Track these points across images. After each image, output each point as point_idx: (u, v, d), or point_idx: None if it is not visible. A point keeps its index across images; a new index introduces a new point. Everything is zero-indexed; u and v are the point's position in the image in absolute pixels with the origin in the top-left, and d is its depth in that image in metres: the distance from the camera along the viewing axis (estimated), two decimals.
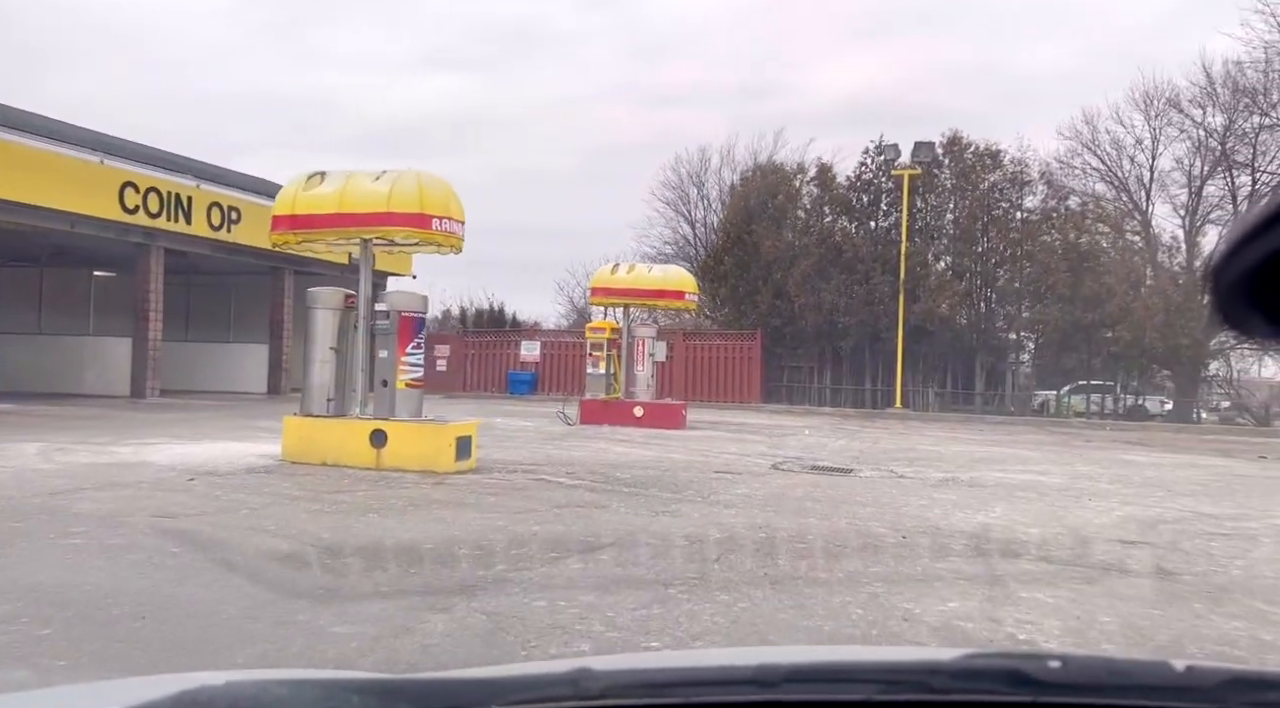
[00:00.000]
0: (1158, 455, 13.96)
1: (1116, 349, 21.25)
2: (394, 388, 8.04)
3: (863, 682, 0.91)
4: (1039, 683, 0.88)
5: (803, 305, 23.72)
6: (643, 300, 15.17)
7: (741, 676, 0.92)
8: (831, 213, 24.77)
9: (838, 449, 12.85)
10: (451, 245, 8.11)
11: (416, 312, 8.25)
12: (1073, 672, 0.90)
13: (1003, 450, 13.75)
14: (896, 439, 15.24)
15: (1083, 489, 8.99)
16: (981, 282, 23.12)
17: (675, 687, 0.91)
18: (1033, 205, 23.12)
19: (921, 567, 4.82)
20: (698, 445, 12.34)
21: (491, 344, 26.32)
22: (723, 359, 24.23)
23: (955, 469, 10.72)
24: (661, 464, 9.68)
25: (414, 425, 8.01)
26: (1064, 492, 8.71)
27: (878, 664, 1.01)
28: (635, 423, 14.84)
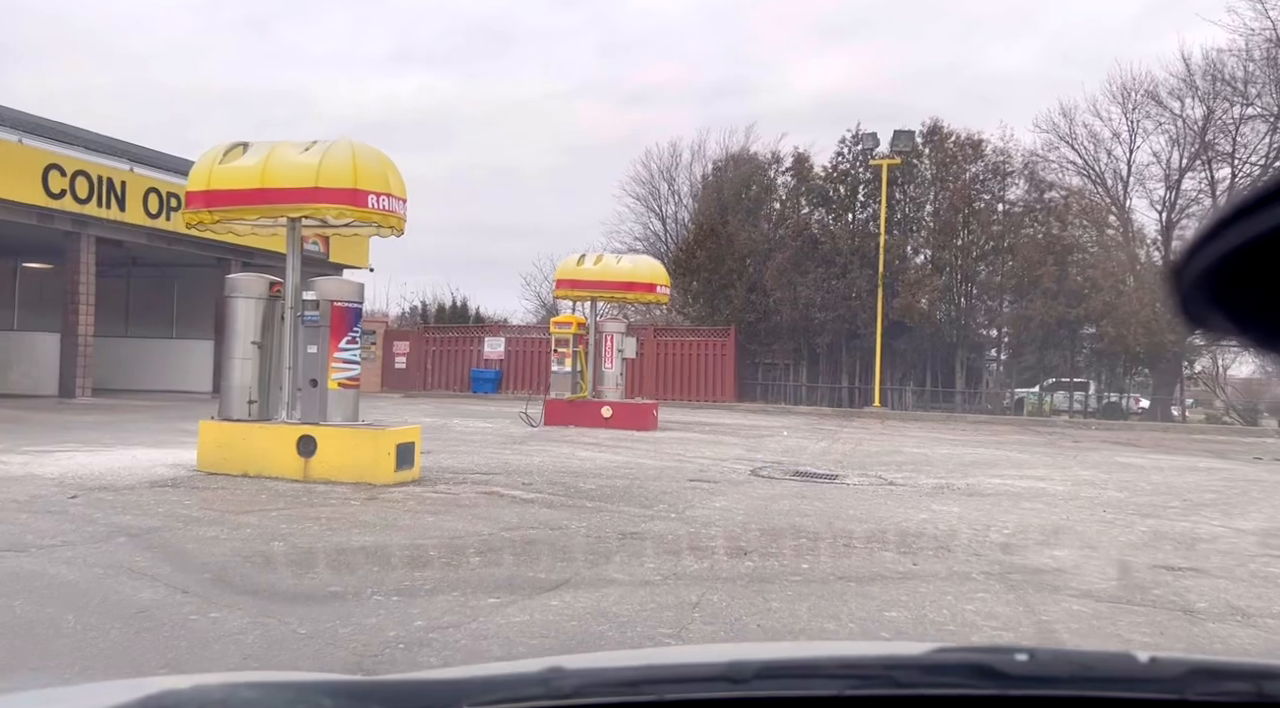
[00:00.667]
0: (1153, 457, 13.31)
1: (1100, 346, 20.68)
2: (325, 388, 7.06)
3: (832, 677, 0.91)
4: (1006, 677, 0.88)
5: (778, 300, 22.96)
6: (611, 294, 14.25)
7: (713, 672, 0.92)
8: (808, 204, 24.02)
9: (819, 452, 12.04)
10: (391, 226, 7.13)
11: (351, 301, 7.26)
12: (1039, 665, 0.90)
13: (991, 452, 13.03)
14: (879, 441, 14.47)
15: (1091, 498, 8.23)
16: (962, 276, 22.49)
17: (647, 684, 0.90)
18: (1015, 197, 22.51)
19: (947, 608, 3.96)
20: (671, 449, 11.45)
21: (454, 341, 25.25)
22: (695, 356, 23.38)
23: (947, 474, 9.95)
24: (631, 472, 8.78)
25: (348, 431, 7.03)
26: (1072, 501, 7.93)
27: (847, 660, 1.01)
28: (603, 424, 13.92)
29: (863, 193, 23.59)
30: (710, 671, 0.93)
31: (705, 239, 23.96)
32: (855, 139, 23.24)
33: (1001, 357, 23.67)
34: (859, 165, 23.40)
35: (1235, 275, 0.51)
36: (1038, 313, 20.82)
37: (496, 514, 5.91)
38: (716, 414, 20.08)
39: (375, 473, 6.86)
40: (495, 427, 13.92)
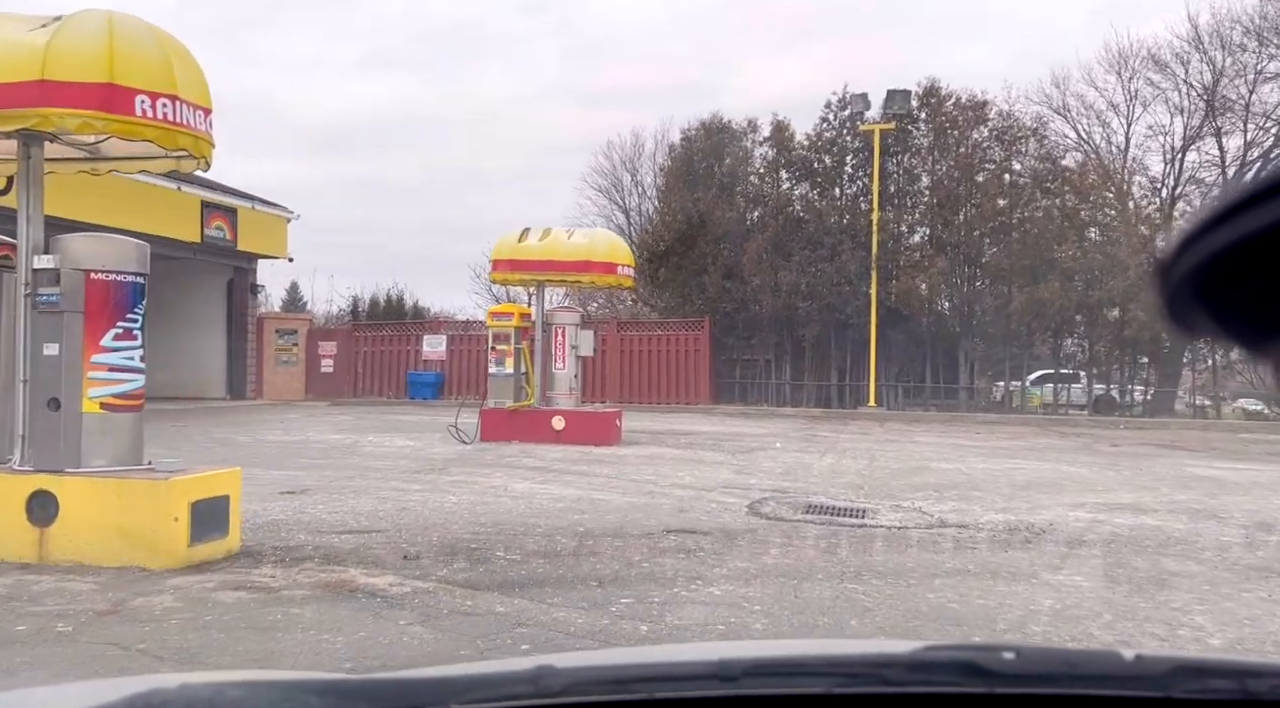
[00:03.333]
0: (1229, 465, 11.09)
1: (1130, 332, 18.52)
2: (77, 412, 4.45)
3: (820, 675, 0.92)
4: (993, 674, 0.89)
5: (757, 288, 20.55)
6: (562, 276, 11.71)
7: (702, 670, 0.93)
8: (790, 178, 21.64)
9: (827, 472, 9.61)
10: (184, 148, 4.54)
11: (122, 271, 4.66)
12: (1025, 663, 0.92)
13: (1035, 464, 10.71)
14: (891, 451, 12.10)
15: (1248, 543, 5.88)
16: (965, 257, 20.24)
17: (636, 682, 0.92)
18: (1024, 167, 20.30)
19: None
20: (638, 473, 8.95)
21: (388, 340, 22.54)
22: (665, 353, 20.92)
23: (1007, 503, 7.59)
24: (581, 520, 6.27)
25: (110, 483, 4.45)
26: (1221, 554, 5.56)
27: (835, 658, 1.02)
28: (554, 438, 11.39)
29: (851, 164, 21.27)
30: (700, 669, 0.95)
31: (674, 219, 21.48)
32: (842, 103, 20.91)
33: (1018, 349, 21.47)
34: (846, 132, 21.07)
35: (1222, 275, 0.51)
36: (1055, 297, 18.60)
37: (323, 642, 3.34)
38: (691, 420, 17.63)
39: (156, 549, 4.29)
40: (418, 445, 11.33)
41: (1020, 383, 21.50)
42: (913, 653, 0.96)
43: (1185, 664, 0.93)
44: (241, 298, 21.71)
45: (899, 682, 0.91)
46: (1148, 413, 19.42)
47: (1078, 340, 20.40)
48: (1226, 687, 0.90)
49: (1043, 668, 0.93)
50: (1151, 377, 20.09)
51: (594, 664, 1.01)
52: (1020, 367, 21.35)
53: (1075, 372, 21.50)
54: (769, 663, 0.97)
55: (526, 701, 0.87)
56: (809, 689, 0.91)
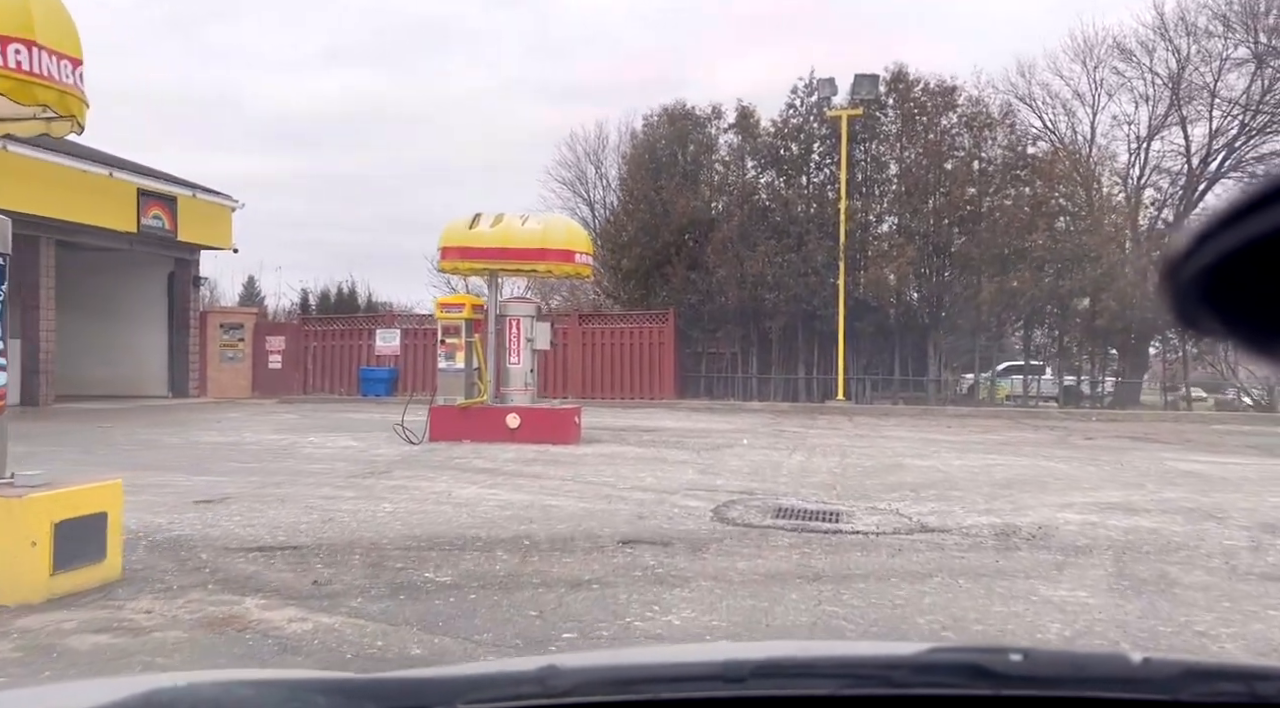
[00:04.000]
0: (1209, 458, 10.77)
1: (1101, 322, 18.27)
2: None
3: (828, 677, 0.92)
4: (1000, 676, 0.89)
5: (723, 279, 20.05)
6: (516, 265, 11.06)
7: (709, 671, 0.94)
8: (756, 166, 21.14)
9: (797, 471, 9.10)
10: (48, 103, 3.86)
11: None
12: (1033, 665, 0.92)
13: (1013, 460, 10.30)
14: (863, 447, 11.64)
15: (1256, 546, 5.44)
16: (933, 247, 19.87)
17: (643, 683, 0.92)
18: (993, 154, 19.96)
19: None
20: (595, 476, 8.37)
21: (340, 334, 21.71)
22: (628, 346, 20.35)
23: (989, 504, 7.13)
24: (527, 530, 5.68)
25: None
26: (1229, 560, 5.12)
27: (842, 659, 1.03)
28: (508, 437, 10.77)
29: (818, 151, 20.81)
30: (706, 670, 0.95)
31: (637, 208, 20.89)
32: (809, 88, 20.43)
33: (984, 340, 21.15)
34: (813, 119, 20.60)
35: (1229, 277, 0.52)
36: (1026, 287, 18.30)
37: None
38: (655, 416, 17.07)
39: (8, 580, 3.61)
40: (361, 446, 10.65)
41: (990, 375, 21.25)
42: (919, 655, 0.96)
43: (1194, 667, 0.93)
44: (183, 291, 20.75)
45: (906, 684, 0.91)
46: (1116, 404, 19.23)
47: (1048, 331, 20.14)
48: (1235, 690, 0.89)
49: (1050, 670, 0.93)
50: (1124, 368, 19.90)
51: (600, 665, 1.02)
52: (990, 358, 21.09)
53: (1043, 363, 21.29)
54: (776, 664, 0.97)
55: (533, 700, 0.87)
56: (816, 691, 0.91)
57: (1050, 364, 21.39)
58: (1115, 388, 20.03)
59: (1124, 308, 17.72)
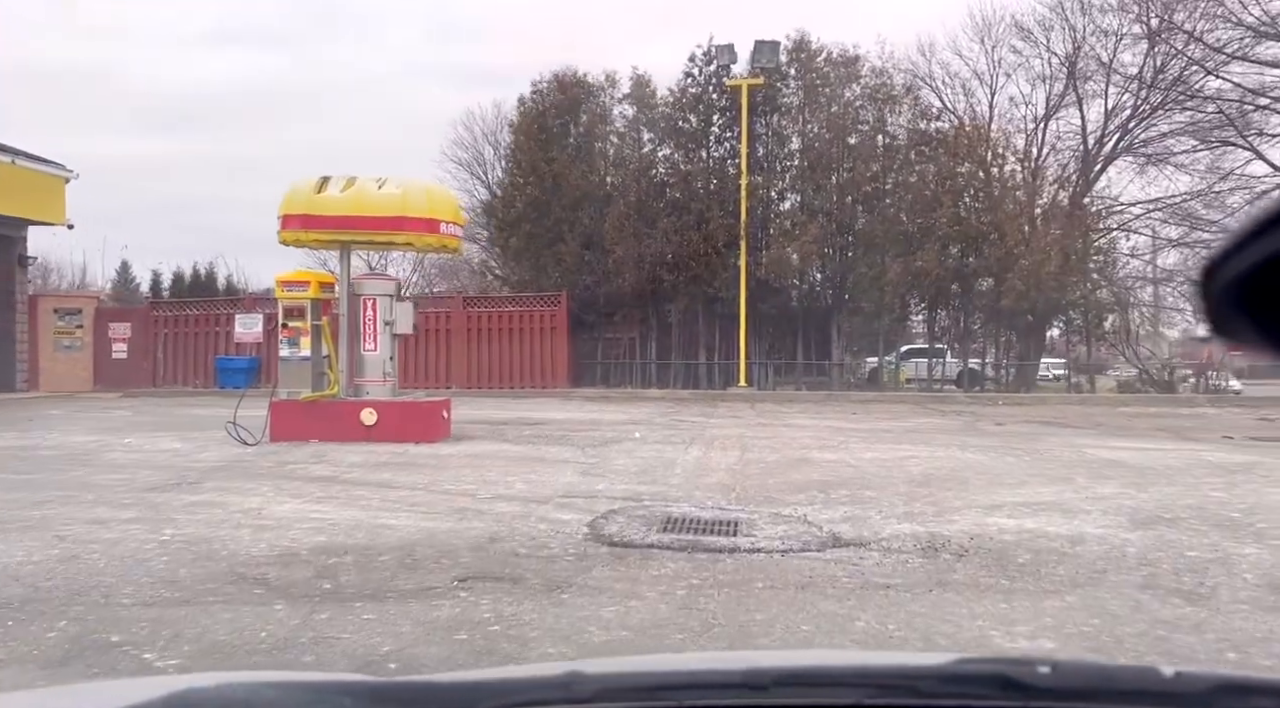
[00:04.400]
0: (1129, 444, 10.22)
1: (1007, 302, 17.87)
2: None
3: (851, 686, 0.91)
4: (1028, 688, 0.88)
5: (620, 258, 18.91)
6: (370, 235, 9.61)
7: (731, 679, 0.93)
8: (653, 139, 20.02)
9: (693, 469, 8.04)
10: None
11: None
12: (1061, 677, 0.90)
13: (925, 451, 9.52)
14: (767, 439, 10.69)
15: (1202, 559, 4.61)
16: (837, 225, 19.17)
17: (665, 690, 0.91)
18: (898, 129, 19.37)
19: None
20: (455, 482, 7.11)
21: (194, 320, 19.69)
22: (517, 331, 19.02)
23: (909, 506, 6.24)
24: (337, 564, 4.44)
25: None
26: (1201, 579, 4.26)
27: (866, 669, 1.02)
28: (364, 436, 9.38)
29: (719, 124, 19.83)
30: (729, 678, 0.94)
31: (525, 181, 19.50)
32: (708, 56, 19.41)
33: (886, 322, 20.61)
34: (713, 89, 19.58)
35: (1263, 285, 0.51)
36: (932, 266, 17.75)
37: None
38: (546, 406, 15.84)
39: None
40: (186, 449, 9.10)
41: (894, 358, 20.79)
42: (945, 666, 0.95)
43: (1227, 681, 0.91)
44: (6, 271, 18.36)
45: (931, 694, 0.90)
46: (1016, 387, 18.95)
47: (953, 313, 19.72)
48: (1269, 705, 0.88)
49: (1079, 682, 0.91)
50: (1028, 351, 19.65)
51: (624, 671, 1.02)
52: (895, 341, 20.61)
53: (943, 347, 20.95)
54: (799, 673, 0.97)
55: (557, 706, 0.87)
56: (839, 700, 0.89)
57: (952, 347, 21.07)
58: (1016, 370, 19.78)
59: (1029, 288, 17.36)
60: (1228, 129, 19.71)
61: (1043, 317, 19.38)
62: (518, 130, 20.12)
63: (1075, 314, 18.49)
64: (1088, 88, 23.25)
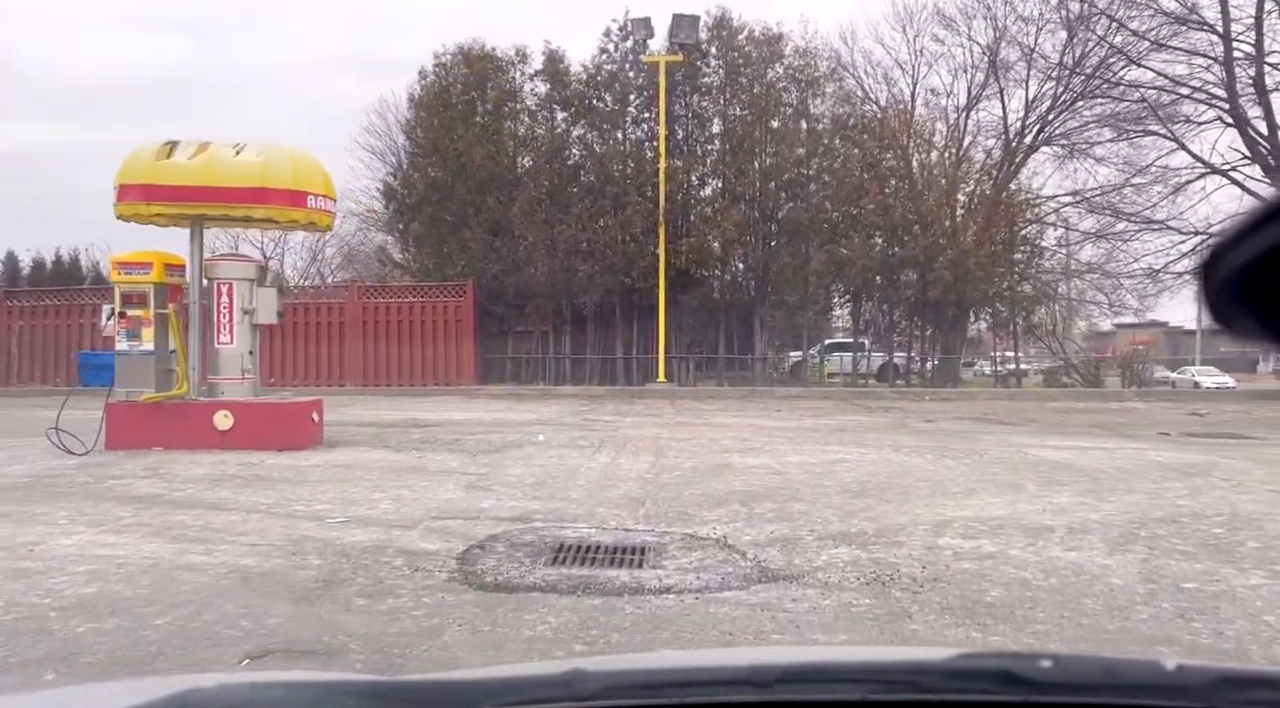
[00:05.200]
0: (1068, 442, 9.61)
1: (934, 293, 17.35)
2: None
3: (855, 682, 0.92)
4: (1030, 683, 0.89)
5: (531, 246, 17.79)
6: (225, 209, 8.30)
7: (735, 676, 0.93)
8: (567, 118, 18.89)
9: (598, 479, 7.04)
10: None
11: None
12: (1064, 672, 0.91)
13: (856, 453, 8.73)
14: (686, 441, 9.77)
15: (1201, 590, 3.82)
16: (760, 213, 18.39)
17: (669, 687, 0.91)
18: (821, 112, 18.69)
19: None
20: (307, 502, 5.96)
21: (55, 311, 17.80)
22: (419, 324, 17.73)
23: (845, 524, 5.38)
24: (95, 630, 3.32)
25: None
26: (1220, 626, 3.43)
27: (870, 665, 1.02)
28: (217, 442, 8.12)
29: (636, 104, 18.86)
30: (734, 674, 0.94)
31: (427, 162, 18.18)
32: (624, 31, 18.40)
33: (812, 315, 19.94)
34: (629, 67, 18.58)
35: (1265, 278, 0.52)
36: (858, 255, 17.11)
37: None
38: (447, 405, 14.66)
39: None
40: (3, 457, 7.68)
41: (817, 352, 20.18)
42: (949, 661, 0.96)
43: (1229, 675, 0.92)
44: None
45: (935, 689, 0.91)
46: (942, 382, 18.51)
47: (878, 305, 19.17)
48: (1271, 698, 0.89)
49: (1081, 677, 0.92)
50: (953, 343, 19.22)
51: (627, 669, 1.03)
52: (819, 334, 19.98)
53: (864, 340, 20.43)
54: (803, 669, 0.97)
55: (560, 704, 0.87)
56: (844, 696, 0.90)
57: (875, 340, 20.58)
58: (941, 365, 19.35)
59: (957, 279, 16.86)
60: (1149, 119, 19.62)
61: (968, 309, 18.97)
62: (419, 105, 18.75)
63: (1002, 307, 18.10)
64: (1009, 77, 23.16)
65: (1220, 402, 15.47)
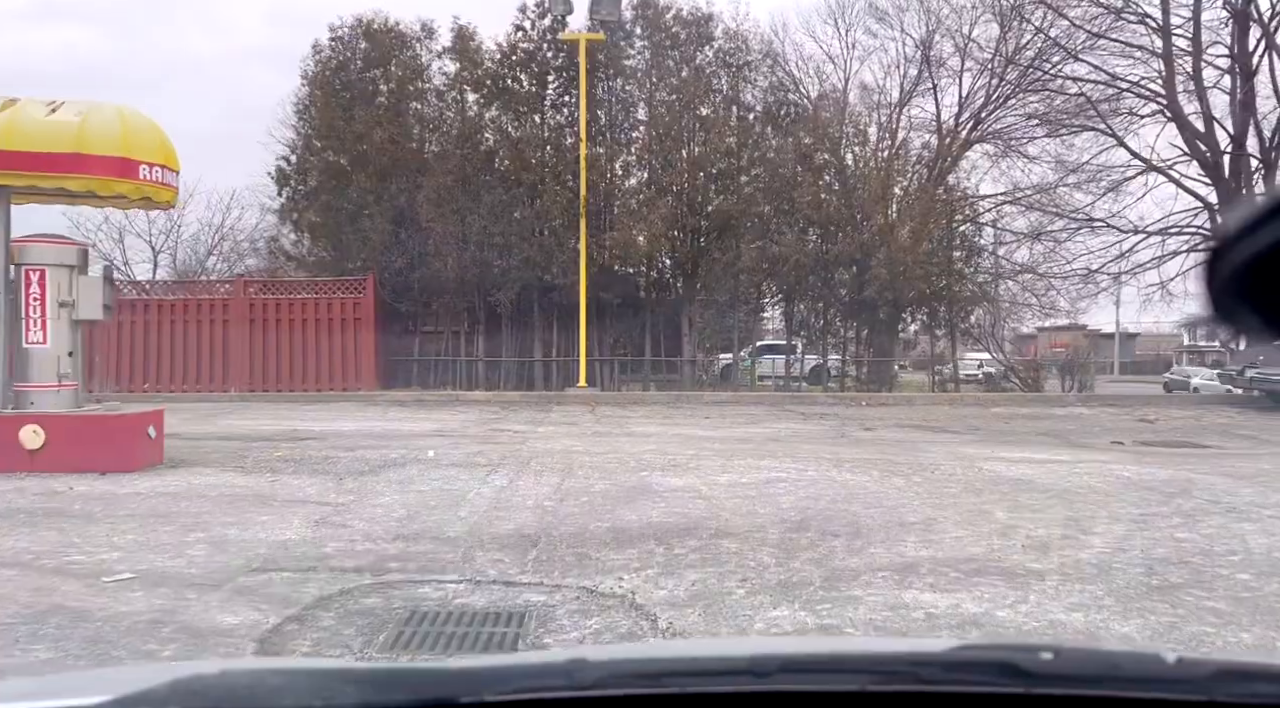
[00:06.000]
0: (1022, 454, 8.78)
1: (870, 292, 16.55)
2: None
3: (856, 672, 0.92)
4: (1031, 674, 0.89)
5: (440, 239, 16.45)
6: (33, 179, 6.87)
7: (736, 666, 0.94)
8: (479, 101, 17.59)
9: (487, 508, 5.88)
10: None
11: None
12: (1064, 663, 0.92)
13: (795, 469, 7.74)
14: (602, 456, 8.65)
15: None
16: (688, 206, 17.39)
17: (670, 677, 0.92)
18: (753, 99, 17.79)
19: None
20: (94, 546, 4.70)
21: None
22: (313, 322, 16.26)
23: (788, 570, 4.48)
24: None
25: None
26: None
27: (871, 655, 1.03)
28: (25, 465, 6.73)
29: (555, 86, 17.68)
30: (734, 664, 0.95)
31: (324, 144, 16.71)
32: (541, 7, 17.20)
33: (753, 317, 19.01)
34: (548, 46, 17.39)
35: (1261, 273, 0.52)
36: (791, 252, 16.23)
37: None
38: (340, 414, 13.27)
39: None
40: None
41: (748, 353, 19.28)
42: (949, 652, 0.97)
43: (1229, 668, 0.93)
44: None
45: (935, 681, 0.91)
46: (878, 385, 17.76)
47: (811, 304, 18.32)
48: (1270, 691, 0.89)
49: (1082, 669, 0.92)
50: (889, 346, 18.50)
51: (627, 658, 1.02)
52: (750, 335, 19.09)
53: (797, 342, 19.62)
54: (803, 659, 0.97)
55: (560, 692, 0.88)
56: (843, 687, 0.91)
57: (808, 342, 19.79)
58: (874, 367, 18.59)
59: (894, 277, 16.10)
60: (1087, 113, 19.23)
61: (904, 309, 18.28)
62: (312, 82, 17.23)
63: (940, 306, 17.44)
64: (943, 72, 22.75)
65: (1166, 407, 15.01)
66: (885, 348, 18.62)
